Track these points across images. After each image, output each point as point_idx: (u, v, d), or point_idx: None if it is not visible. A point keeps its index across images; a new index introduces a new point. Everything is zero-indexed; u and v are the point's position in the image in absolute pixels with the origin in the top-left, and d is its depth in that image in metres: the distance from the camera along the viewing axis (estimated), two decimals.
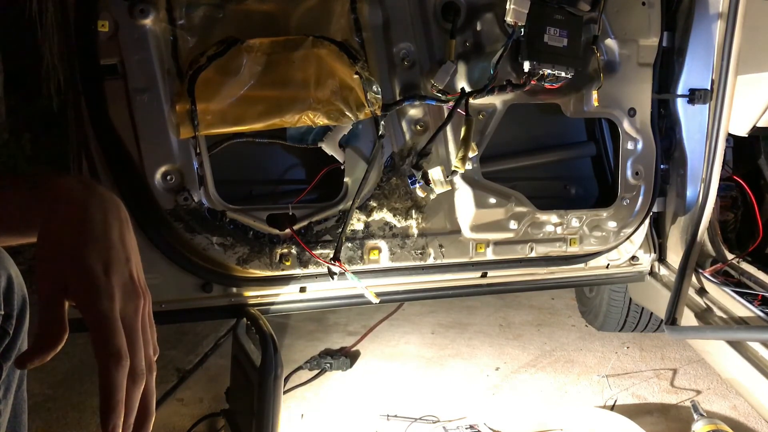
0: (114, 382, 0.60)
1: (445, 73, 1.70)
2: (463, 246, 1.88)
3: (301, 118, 1.60)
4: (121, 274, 0.64)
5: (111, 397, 0.60)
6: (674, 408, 2.12)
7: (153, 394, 0.66)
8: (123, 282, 0.64)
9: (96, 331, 0.61)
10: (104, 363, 0.60)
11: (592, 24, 1.82)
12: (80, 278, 0.62)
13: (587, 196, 2.21)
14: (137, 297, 0.65)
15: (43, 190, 0.66)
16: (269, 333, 1.57)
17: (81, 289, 0.62)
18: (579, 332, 2.75)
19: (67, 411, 2.01)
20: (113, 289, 0.63)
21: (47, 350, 0.60)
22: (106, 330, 0.61)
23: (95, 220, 0.65)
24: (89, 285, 0.62)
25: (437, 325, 2.79)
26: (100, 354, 0.60)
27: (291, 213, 1.69)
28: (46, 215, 0.64)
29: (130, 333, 0.63)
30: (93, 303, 0.61)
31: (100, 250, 0.63)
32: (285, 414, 1.98)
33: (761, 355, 1.59)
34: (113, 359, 0.60)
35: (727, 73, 1.78)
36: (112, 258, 0.64)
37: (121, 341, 0.61)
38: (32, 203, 0.65)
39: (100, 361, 0.60)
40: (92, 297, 0.61)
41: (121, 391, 0.61)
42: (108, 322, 0.61)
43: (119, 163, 1.56)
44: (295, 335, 2.65)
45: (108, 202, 0.67)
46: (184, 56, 1.56)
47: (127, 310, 0.64)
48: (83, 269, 0.62)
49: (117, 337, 0.61)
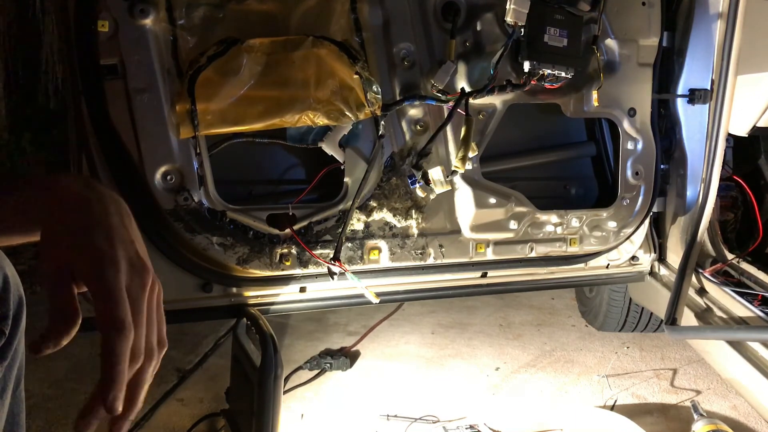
0: (117, 351, 0.58)
1: (445, 73, 1.70)
2: (463, 246, 1.88)
3: (301, 118, 1.60)
4: (127, 248, 0.63)
5: (113, 368, 0.58)
6: (674, 408, 2.12)
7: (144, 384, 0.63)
8: (128, 256, 0.63)
9: (100, 301, 0.59)
10: (107, 333, 0.58)
11: (592, 24, 1.82)
12: (85, 253, 0.61)
13: (587, 196, 2.21)
14: (145, 271, 0.64)
15: (44, 189, 0.66)
16: (269, 333, 1.57)
17: (86, 263, 0.60)
18: (579, 332, 2.75)
19: (67, 411, 2.01)
20: (119, 260, 0.61)
21: (61, 335, 0.59)
22: (111, 300, 0.59)
23: (96, 210, 0.64)
24: (94, 256, 0.61)
25: (437, 325, 2.79)
26: (104, 324, 0.59)
27: (291, 213, 1.69)
28: (48, 213, 0.64)
29: (134, 305, 0.61)
30: (98, 273, 0.60)
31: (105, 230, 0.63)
32: (285, 414, 1.98)
33: (761, 355, 1.59)
34: (116, 328, 0.58)
35: (727, 73, 1.78)
36: (117, 235, 0.63)
37: (125, 311, 0.60)
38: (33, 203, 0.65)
39: (103, 331, 0.58)
40: (97, 267, 0.60)
41: (124, 361, 0.58)
42: (113, 293, 0.59)
43: (119, 163, 1.56)
44: (295, 335, 2.65)
45: (108, 198, 0.67)
46: (184, 56, 1.56)
47: (133, 283, 0.62)
48: (88, 245, 0.61)
49: (121, 308, 0.59)
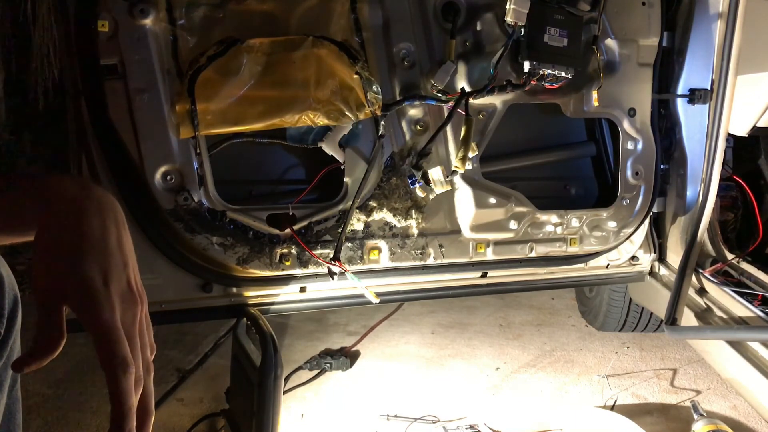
0: (124, 389, 0.61)
1: (445, 73, 1.70)
2: (463, 246, 1.88)
3: (301, 118, 1.60)
4: (120, 282, 0.65)
5: (123, 404, 0.61)
6: (674, 408, 2.12)
7: (152, 395, 0.67)
8: (121, 291, 0.65)
9: (101, 343, 0.62)
10: (112, 372, 0.61)
11: (592, 24, 1.82)
12: (80, 289, 0.62)
13: (587, 196, 2.21)
14: (134, 305, 0.66)
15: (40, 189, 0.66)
16: (269, 333, 1.57)
17: (81, 300, 0.62)
18: (579, 332, 2.75)
19: (67, 411, 2.01)
20: (113, 300, 0.64)
21: (45, 355, 0.61)
22: (111, 340, 0.62)
23: (92, 225, 0.65)
24: (90, 297, 0.62)
25: (437, 325, 2.79)
26: (108, 363, 0.61)
27: (291, 213, 1.69)
28: (43, 216, 0.64)
29: (130, 338, 0.64)
30: (95, 316, 0.62)
31: (98, 259, 0.64)
32: (285, 414, 1.98)
33: (761, 355, 1.59)
34: (121, 368, 0.61)
35: (727, 73, 1.78)
36: (111, 266, 0.65)
37: (126, 349, 0.62)
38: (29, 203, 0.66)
39: (108, 370, 0.61)
40: (94, 309, 0.62)
41: (131, 396, 0.62)
42: (112, 333, 0.62)
43: (119, 162, 1.56)
44: (295, 335, 2.65)
45: (104, 204, 0.67)
46: (184, 56, 1.56)
47: (126, 318, 0.65)
48: (82, 280, 0.63)
49: (122, 346, 0.62)
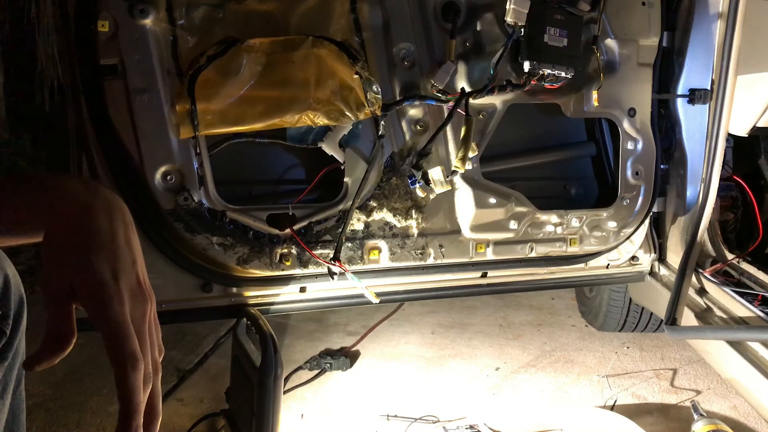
0: (133, 385, 0.61)
1: (445, 73, 1.70)
2: (463, 246, 1.88)
3: (301, 118, 1.60)
4: (129, 278, 0.65)
5: (131, 400, 0.61)
6: (674, 408, 2.12)
7: (159, 396, 0.67)
8: (131, 286, 0.65)
9: (110, 338, 0.61)
10: (121, 368, 0.61)
11: (592, 24, 1.82)
12: (89, 285, 0.62)
13: (587, 196, 2.21)
14: (144, 301, 0.66)
15: (48, 190, 0.66)
16: (269, 333, 1.57)
17: (91, 295, 0.62)
18: (579, 332, 2.75)
19: (67, 411, 2.01)
20: (123, 295, 0.63)
21: (56, 352, 0.61)
22: (121, 336, 0.62)
23: (101, 223, 0.65)
24: (100, 292, 0.62)
25: (437, 325, 2.79)
26: (117, 359, 0.61)
27: (291, 213, 1.69)
28: (51, 217, 0.64)
29: (139, 335, 0.64)
30: (105, 310, 0.62)
31: (108, 255, 0.64)
32: (285, 414, 1.98)
33: (761, 355, 1.59)
34: (130, 363, 0.61)
35: (727, 73, 1.78)
36: (120, 263, 0.64)
37: (135, 345, 0.62)
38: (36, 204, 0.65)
39: (117, 366, 0.61)
40: (104, 304, 0.62)
41: (140, 393, 0.62)
42: (122, 328, 0.62)
43: (119, 163, 1.56)
44: (295, 335, 2.65)
45: (112, 204, 0.67)
46: (184, 56, 1.56)
47: (135, 314, 0.64)
48: (92, 275, 0.62)
49: (131, 341, 0.62)
